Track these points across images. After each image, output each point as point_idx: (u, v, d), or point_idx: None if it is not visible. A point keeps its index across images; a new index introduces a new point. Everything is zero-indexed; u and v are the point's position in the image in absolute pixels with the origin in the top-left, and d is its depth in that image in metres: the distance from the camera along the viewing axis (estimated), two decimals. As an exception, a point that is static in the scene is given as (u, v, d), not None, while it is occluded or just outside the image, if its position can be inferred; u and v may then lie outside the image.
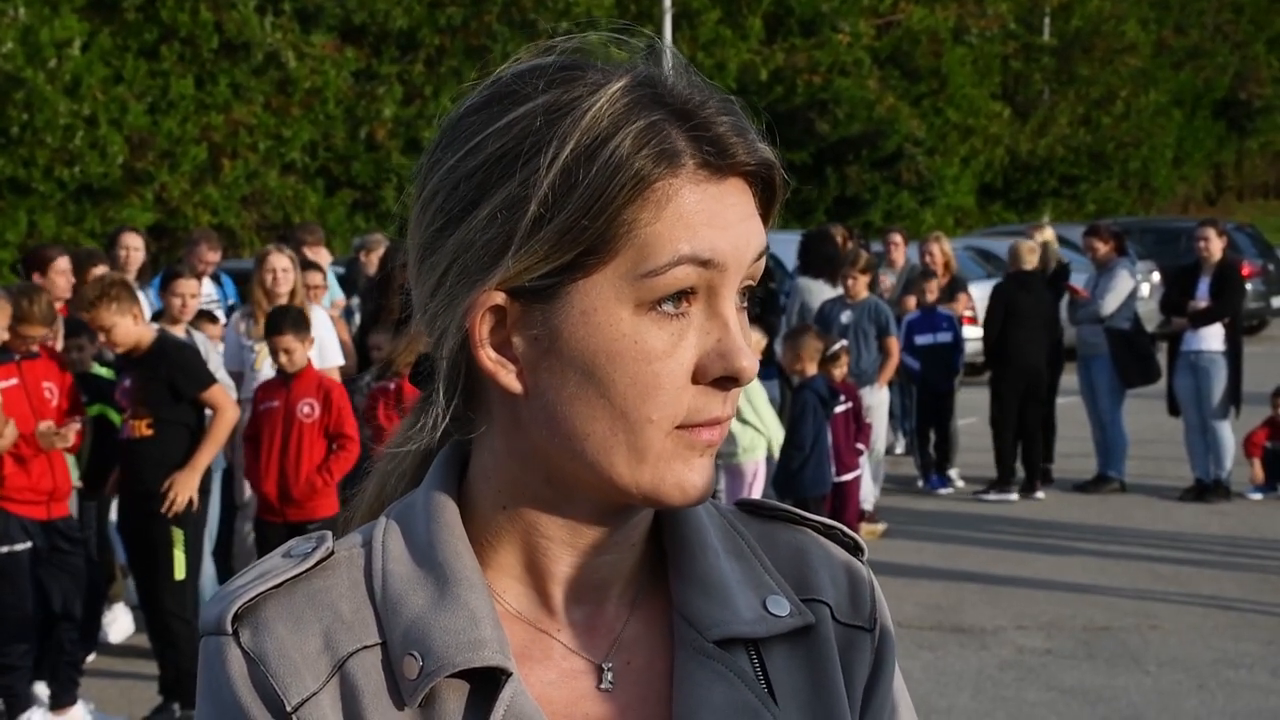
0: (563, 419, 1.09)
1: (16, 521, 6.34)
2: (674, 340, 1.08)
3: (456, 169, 1.11)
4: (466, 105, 1.13)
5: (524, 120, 1.08)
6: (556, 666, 1.14)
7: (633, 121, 1.07)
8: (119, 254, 9.06)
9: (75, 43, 20.20)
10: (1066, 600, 8.25)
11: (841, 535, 1.26)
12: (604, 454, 1.09)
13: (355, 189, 24.10)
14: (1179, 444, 11.30)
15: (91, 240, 18.75)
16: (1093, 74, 33.73)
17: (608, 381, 1.07)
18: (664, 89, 1.10)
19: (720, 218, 1.08)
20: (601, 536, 1.14)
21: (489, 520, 1.15)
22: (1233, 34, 39.53)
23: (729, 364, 1.09)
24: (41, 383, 6.48)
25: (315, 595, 1.11)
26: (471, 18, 24.79)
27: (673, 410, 1.08)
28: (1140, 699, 6.65)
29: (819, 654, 1.19)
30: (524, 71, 1.12)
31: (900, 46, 30.03)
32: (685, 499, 1.11)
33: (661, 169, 1.06)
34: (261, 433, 6.85)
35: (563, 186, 1.06)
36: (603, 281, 1.07)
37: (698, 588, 1.16)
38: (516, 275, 1.08)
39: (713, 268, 1.08)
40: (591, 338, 1.07)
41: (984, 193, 32.67)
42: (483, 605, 1.10)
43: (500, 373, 1.10)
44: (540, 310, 1.08)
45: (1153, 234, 23.17)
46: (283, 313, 7.03)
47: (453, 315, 1.11)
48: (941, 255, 11.95)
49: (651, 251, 1.06)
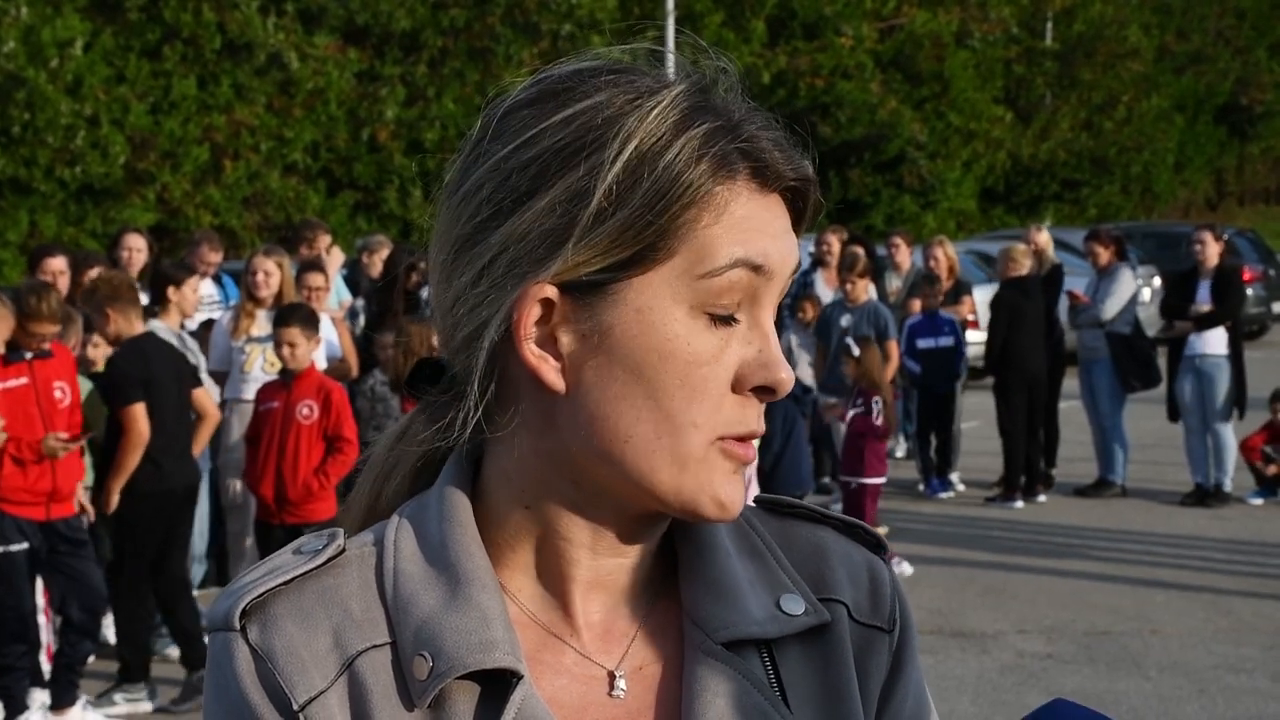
0: (605, 419, 1.08)
1: (12, 522, 6.33)
2: (721, 346, 1.09)
3: (508, 160, 1.09)
4: (513, 100, 1.13)
5: (584, 115, 1.08)
6: (568, 671, 1.13)
7: (696, 125, 1.08)
8: (122, 254, 9.07)
9: (77, 42, 20.20)
10: (1067, 605, 8.25)
11: (863, 534, 1.24)
12: (645, 458, 1.08)
13: (357, 190, 24.10)
14: (1179, 449, 11.30)
15: (93, 241, 18.76)
16: (1095, 79, 33.73)
17: (657, 382, 1.07)
18: (715, 99, 1.11)
19: (770, 227, 1.10)
20: (622, 541, 1.13)
21: (507, 519, 1.13)
22: (1235, 39, 39.53)
23: (769, 375, 1.09)
24: (53, 382, 6.46)
25: (325, 593, 1.10)
26: (474, 19, 24.78)
27: (714, 418, 1.08)
28: (1141, 704, 6.65)
29: (834, 654, 1.17)
30: (576, 70, 1.12)
31: (903, 50, 30.03)
32: (721, 514, 1.10)
33: (721, 175, 1.08)
34: (261, 434, 6.85)
35: (627, 182, 1.06)
36: (659, 280, 1.07)
37: (707, 589, 1.15)
38: (574, 268, 1.07)
39: (763, 274, 1.09)
40: (645, 336, 1.07)
41: (985, 197, 32.66)
42: (494, 606, 1.09)
43: (543, 368, 1.09)
44: (591, 306, 1.08)
45: (1154, 239, 23.17)
46: (293, 309, 7.06)
47: (498, 306, 1.09)
48: (946, 259, 11.94)
49: (709, 253, 1.07)
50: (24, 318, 6.32)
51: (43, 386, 6.41)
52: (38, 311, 6.30)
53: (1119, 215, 33.05)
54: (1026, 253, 11.27)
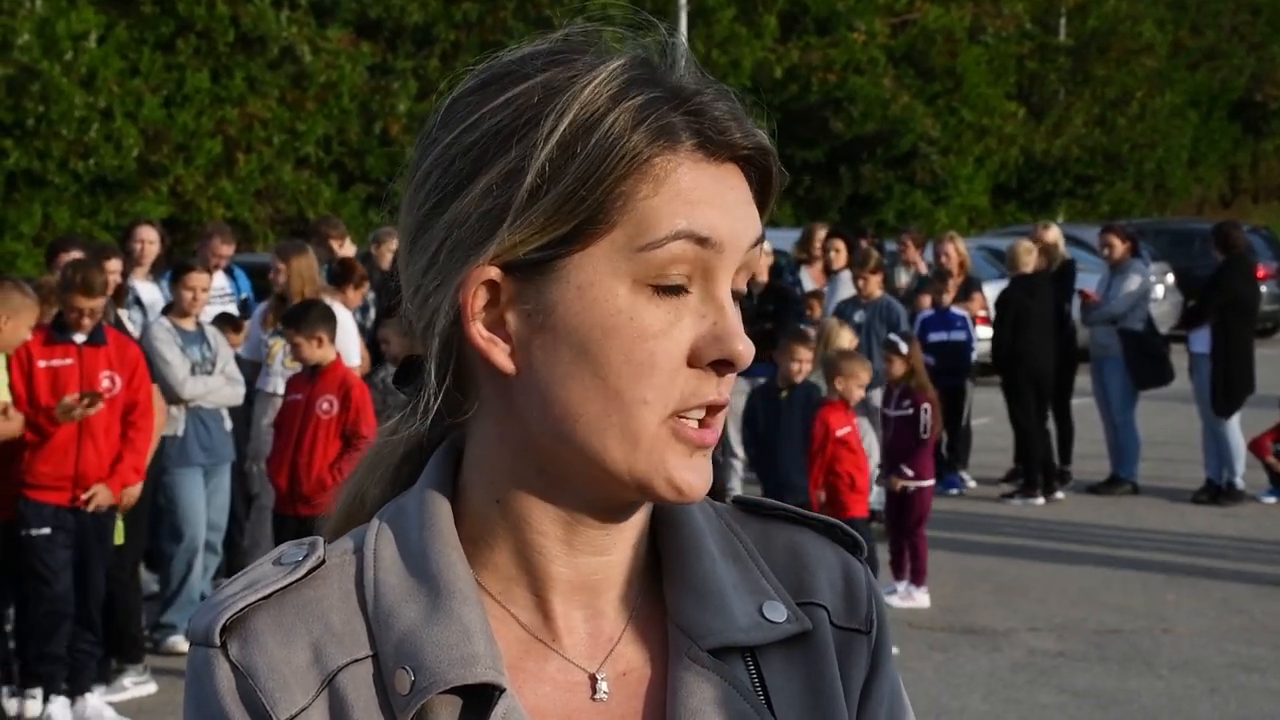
0: (555, 399, 1.07)
1: (35, 507, 6.34)
2: (670, 320, 1.06)
3: (452, 146, 1.09)
4: (461, 88, 1.12)
5: (521, 97, 1.07)
6: (550, 678, 1.12)
7: (631, 97, 1.06)
8: (134, 247, 9.08)
9: (91, 35, 20.20)
10: (1079, 602, 8.23)
11: (841, 533, 1.23)
12: (596, 436, 1.06)
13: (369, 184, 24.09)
14: (1192, 446, 11.28)
15: (106, 233, 18.78)
16: (1108, 74, 33.61)
17: (602, 359, 1.06)
18: (661, 72, 1.09)
19: (719, 199, 1.07)
20: (597, 534, 1.12)
21: (483, 517, 1.12)
22: (1250, 35, 39.38)
23: (725, 347, 1.07)
24: (100, 372, 6.46)
25: (305, 606, 1.09)
26: (487, 13, 24.77)
27: (667, 393, 1.06)
28: (1152, 702, 6.63)
29: (817, 659, 1.16)
30: (521, 55, 1.11)
31: (915, 45, 29.95)
32: (678, 496, 1.08)
33: (660, 144, 1.06)
34: (284, 425, 6.90)
35: (560, 158, 1.05)
36: (599, 255, 1.06)
37: (693, 595, 1.14)
38: (512, 248, 1.06)
39: (710, 247, 1.07)
40: (587, 313, 1.06)
41: (998, 193, 32.56)
42: (476, 619, 1.08)
43: (493, 350, 1.08)
44: (535, 285, 1.07)
45: (1167, 236, 23.11)
46: (299, 309, 7.09)
47: (445, 293, 1.09)
48: (957, 255, 11.93)
49: (649, 225, 1.05)
50: (63, 290, 6.43)
51: (89, 372, 6.41)
52: (73, 283, 6.34)
53: (1132, 212, 32.96)
54: (1030, 250, 11.25)
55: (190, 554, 7.56)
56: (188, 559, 7.57)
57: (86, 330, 6.40)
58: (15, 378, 6.30)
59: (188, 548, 7.55)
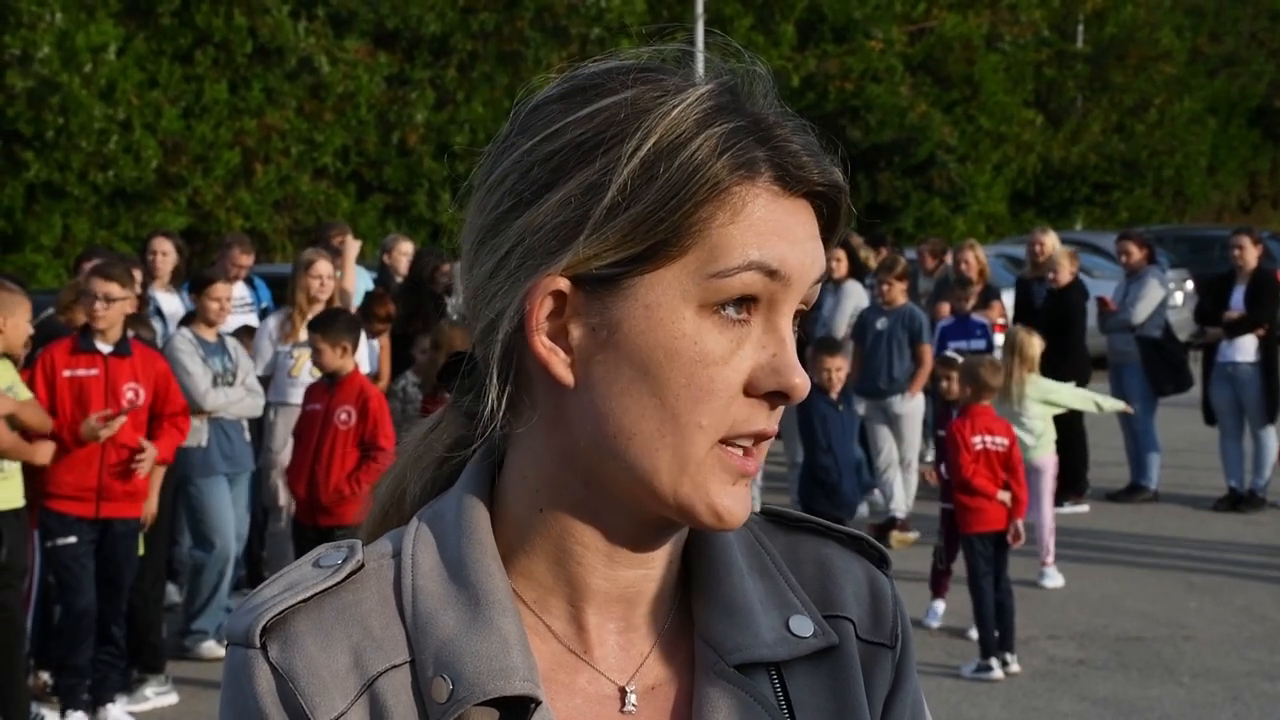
0: (610, 415, 1.07)
1: (58, 518, 6.36)
2: (732, 348, 1.07)
3: (532, 153, 1.10)
4: (543, 96, 1.13)
5: (608, 111, 1.08)
6: (581, 690, 1.13)
7: (717, 124, 1.07)
8: (150, 258, 9.11)
9: (110, 47, 20.29)
10: (1099, 610, 8.21)
11: (867, 547, 1.24)
12: (648, 456, 1.07)
13: (387, 194, 24.14)
14: (1212, 453, 11.23)
15: (125, 244, 18.85)
16: (1126, 81, 33.55)
17: (663, 380, 1.06)
18: (745, 100, 1.10)
19: (791, 233, 1.08)
20: (637, 550, 1.13)
21: (524, 524, 1.13)
22: (1269, 42, 39.26)
23: (782, 380, 1.08)
24: (125, 384, 6.47)
25: (345, 610, 1.10)
26: (504, 23, 24.80)
27: (721, 419, 1.07)
28: (1174, 710, 6.61)
29: (842, 674, 1.17)
30: (607, 69, 1.12)
31: (933, 53, 29.93)
32: (718, 523, 1.09)
33: (740, 174, 1.07)
34: (302, 435, 6.91)
35: (642, 177, 1.06)
36: (670, 277, 1.06)
37: (721, 609, 1.15)
38: (584, 261, 1.07)
39: (778, 279, 1.08)
40: (652, 333, 1.06)
41: (1016, 200, 32.52)
42: (513, 630, 1.09)
43: (553, 361, 1.09)
44: (602, 300, 1.07)
45: (1186, 242, 23.05)
46: (330, 315, 7.12)
47: (512, 298, 1.09)
48: (976, 263, 11.90)
49: (722, 253, 1.06)
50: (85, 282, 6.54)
51: (114, 384, 6.42)
52: (106, 272, 6.40)
53: (1151, 219, 32.86)
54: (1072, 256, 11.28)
55: (222, 562, 7.57)
56: (219, 567, 7.58)
57: (108, 322, 6.37)
58: (39, 386, 6.32)
59: (219, 556, 7.55)
